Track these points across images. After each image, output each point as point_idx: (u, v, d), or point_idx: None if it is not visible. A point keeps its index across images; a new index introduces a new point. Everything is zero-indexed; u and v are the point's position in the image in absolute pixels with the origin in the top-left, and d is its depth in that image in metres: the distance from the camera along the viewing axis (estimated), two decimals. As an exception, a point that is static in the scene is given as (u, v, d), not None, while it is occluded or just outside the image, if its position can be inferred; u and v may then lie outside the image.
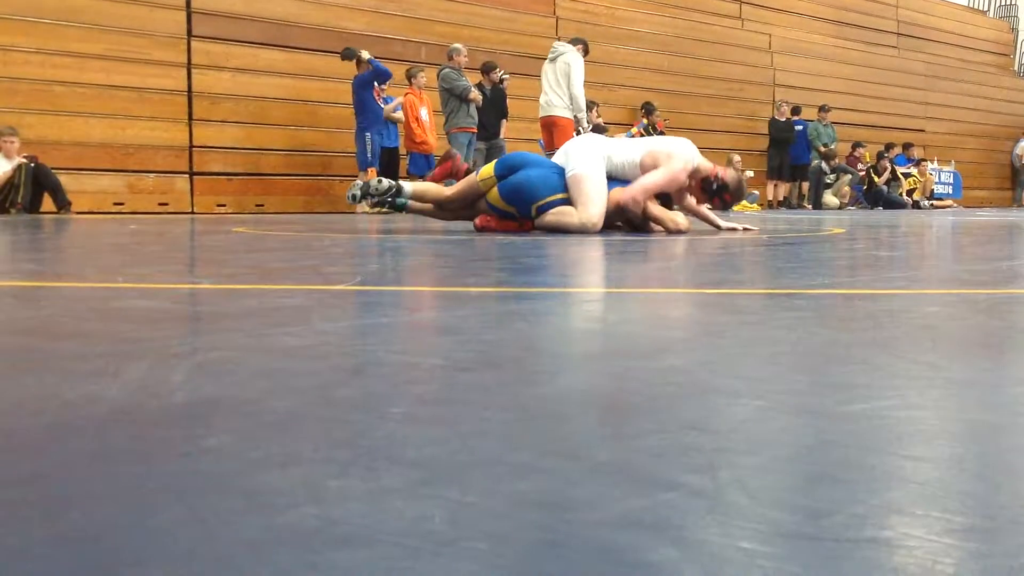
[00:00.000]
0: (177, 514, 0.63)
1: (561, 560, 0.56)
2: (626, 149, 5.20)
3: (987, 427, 0.90)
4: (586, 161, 4.98)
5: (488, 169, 5.13)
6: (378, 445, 0.81)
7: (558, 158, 5.19)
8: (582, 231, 4.84)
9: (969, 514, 0.65)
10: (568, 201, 4.94)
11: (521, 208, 5.00)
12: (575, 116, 9.14)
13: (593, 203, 4.87)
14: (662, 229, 5.10)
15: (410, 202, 5.23)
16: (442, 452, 0.78)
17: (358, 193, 5.27)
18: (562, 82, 9.04)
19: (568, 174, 4.98)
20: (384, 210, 5.30)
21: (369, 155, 10.04)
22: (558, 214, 4.92)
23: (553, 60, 9.22)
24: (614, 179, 5.10)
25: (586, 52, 9.53)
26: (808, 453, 0.80)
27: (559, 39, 10.38)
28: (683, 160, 5.11)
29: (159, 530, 0.60)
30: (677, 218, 5.10)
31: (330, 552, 0.56)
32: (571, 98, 9.05)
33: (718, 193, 5.28)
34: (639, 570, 0.54)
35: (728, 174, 5.32)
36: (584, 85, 9.31)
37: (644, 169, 5.07)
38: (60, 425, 0.88)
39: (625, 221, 5.24)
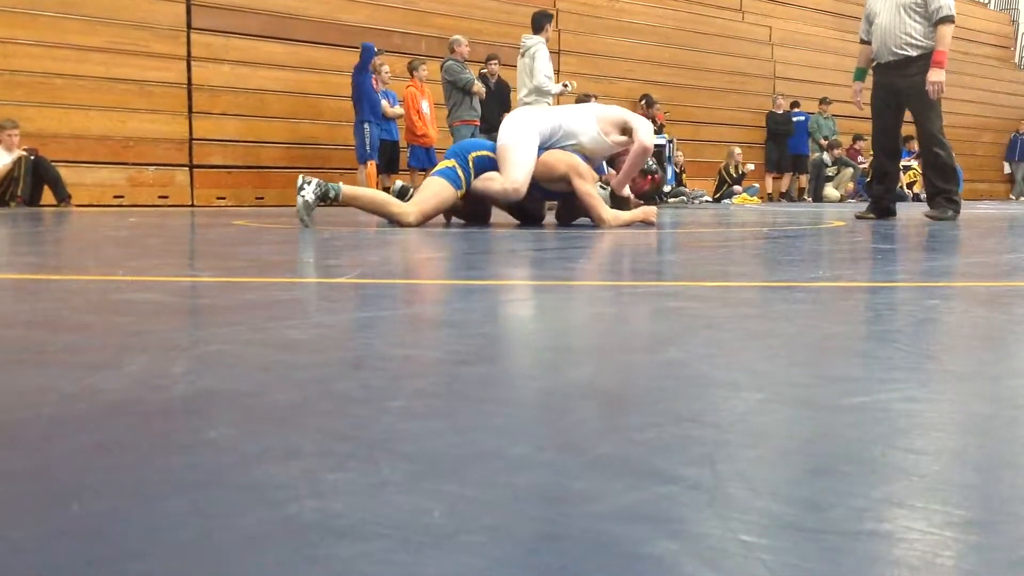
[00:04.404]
0: (177, 507, 0.63)
1: (560, 553, 0.56)
2: (579, 119, 5.16)
3: (987, 420, 0.90)
4: (515, 132, 5.04)
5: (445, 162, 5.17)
6: (377, 438, 0.81)
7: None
8: (504, 196, 4.95)
9: (969, 507, 0.65)
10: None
11: (459, 159, 5.06)
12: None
13: (516, 169, 4.94)
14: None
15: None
16: (441, 445, 0.78)
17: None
18: (526, 79, 8.78)
19: (499, 143, 5.05)
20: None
21: (367, 147, 10.01)
22: (484, 179, 5.02)
23: (522, 55, 8.99)
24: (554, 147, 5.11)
25: (549, 20, 9.08)
26: (808, 446, 0.80)
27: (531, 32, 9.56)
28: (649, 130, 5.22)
29: (159, 523, 0.60)
30: (606, 215, 5.01)
31: (329, 545, 0.56)
32: (536, 90, 8.67)
33: (651, 172, 5.30)
34: (639, 563, 0.54)
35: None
36: (572, 76, 8.90)
37: (607, 134, 5.11)
38: (60, 418, 0.88)
39: (563, 200, 5.23)
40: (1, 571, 0.53)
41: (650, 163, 5.34)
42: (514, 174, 4.92)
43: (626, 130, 5.15)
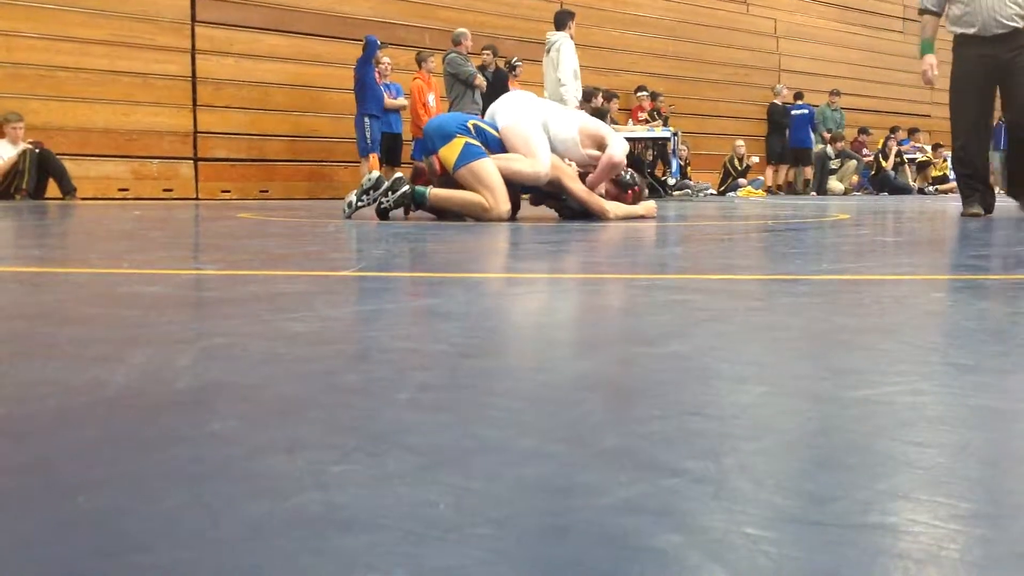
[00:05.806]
0: (182, 499, 0.63)
1: (565, 546, 0.56)
2: (562, 120, 5.12)
3: (992, 413, 0.90)
4: (521, 116, 4.97)
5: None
6: (382, 431, 0.81)
7: (490, 114, 5.16)
8: (533, 179, 4.86)
9: (974, 500, 0.64)
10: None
11: (462, 131, 4.86)
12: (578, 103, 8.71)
13: (542, 152, 4.86)
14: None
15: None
16: (446, 438, 0.78)
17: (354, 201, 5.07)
18: (552, 74, 8.69)
19: (502, 125, 4.94)
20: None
21: (368, 141, 9.99)
22: (508, 159, 4.86)
23: (548, 52, 8.90)
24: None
25: (572, 17, 9.02)
26: (812, 439, 0.80)
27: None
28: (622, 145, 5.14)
29: (164, 515, 0.60)
30: (605, 206, 5.03)
31: (334, 537, 0.56)
32: (561, 85, 8.55)
33: (631, 186, 5.28)
34: (643, 555, 0.54)
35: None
36: (580, 69, 8.77)
37: (583, 145, 5.06)
38: (65, 410, 0.88)
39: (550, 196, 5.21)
40: (7, 564, 0.53)
41: (627, 177, 5.33)
42: (543, 157, 4.85)
43: (602, 146, 5.10)
